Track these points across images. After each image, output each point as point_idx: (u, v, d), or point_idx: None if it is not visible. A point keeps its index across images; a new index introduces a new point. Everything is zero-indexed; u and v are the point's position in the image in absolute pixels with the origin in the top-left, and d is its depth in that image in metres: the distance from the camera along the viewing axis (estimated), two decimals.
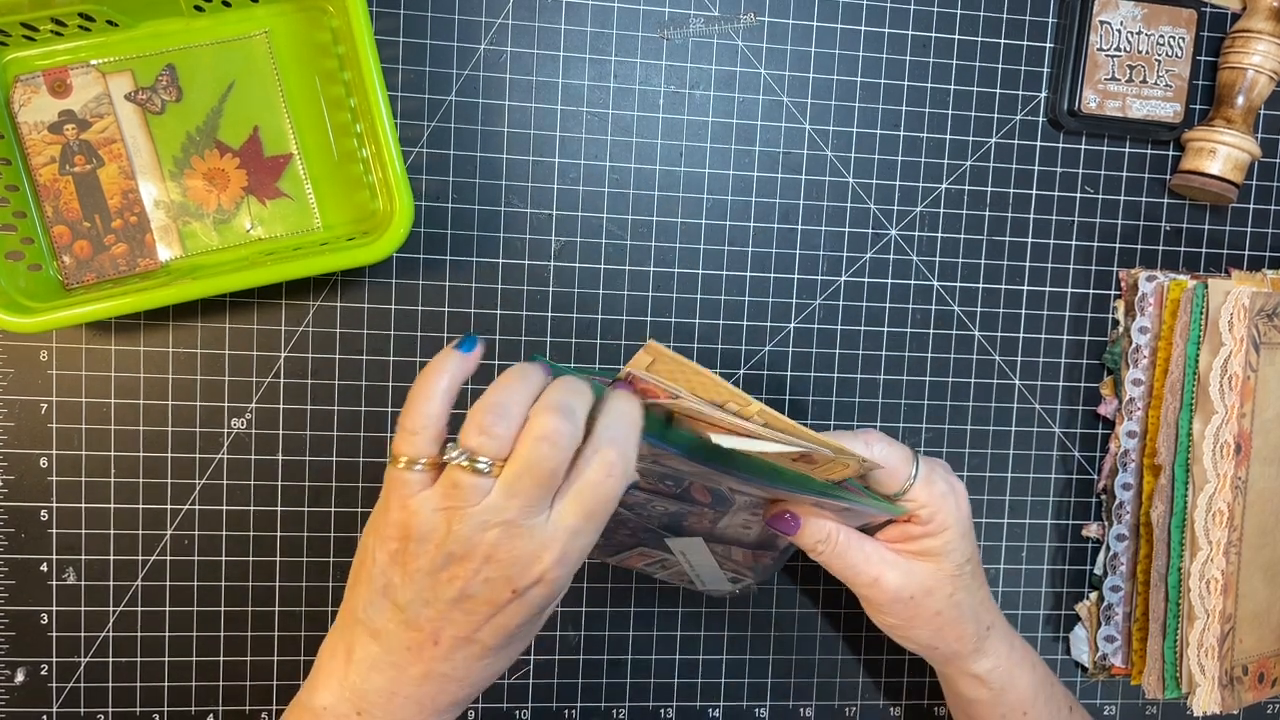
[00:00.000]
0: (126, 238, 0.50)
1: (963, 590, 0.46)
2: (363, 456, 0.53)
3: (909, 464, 0.45)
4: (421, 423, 0.36)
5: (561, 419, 0.36)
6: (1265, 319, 0.53)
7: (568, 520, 0.36)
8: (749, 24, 0.54)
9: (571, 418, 0.36)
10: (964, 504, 0.46)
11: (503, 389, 0.37)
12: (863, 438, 0.45)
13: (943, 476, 0.46)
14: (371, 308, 0.52)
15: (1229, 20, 0.57)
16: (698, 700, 0.56)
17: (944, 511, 0.45)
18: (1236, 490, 0.53)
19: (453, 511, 0.35)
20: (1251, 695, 0.56)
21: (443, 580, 0.36)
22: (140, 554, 0.52)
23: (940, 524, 0.45)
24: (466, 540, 0.35)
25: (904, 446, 0.45)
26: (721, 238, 0.54)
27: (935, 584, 0.46)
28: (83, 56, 0.49)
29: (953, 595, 0.46)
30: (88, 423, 0.51)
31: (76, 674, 0.52)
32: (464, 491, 0.35)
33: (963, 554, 0.46)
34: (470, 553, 0.36)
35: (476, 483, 0.35)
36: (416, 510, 0.36)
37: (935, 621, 0.46)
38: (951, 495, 0.45)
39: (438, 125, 0.52)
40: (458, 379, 0.37)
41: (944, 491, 0.45)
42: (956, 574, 0.46)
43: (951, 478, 0.46)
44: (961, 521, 0.46)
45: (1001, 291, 0.57)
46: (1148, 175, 0.57)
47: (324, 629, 0.53)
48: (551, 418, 0.36)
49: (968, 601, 0.46)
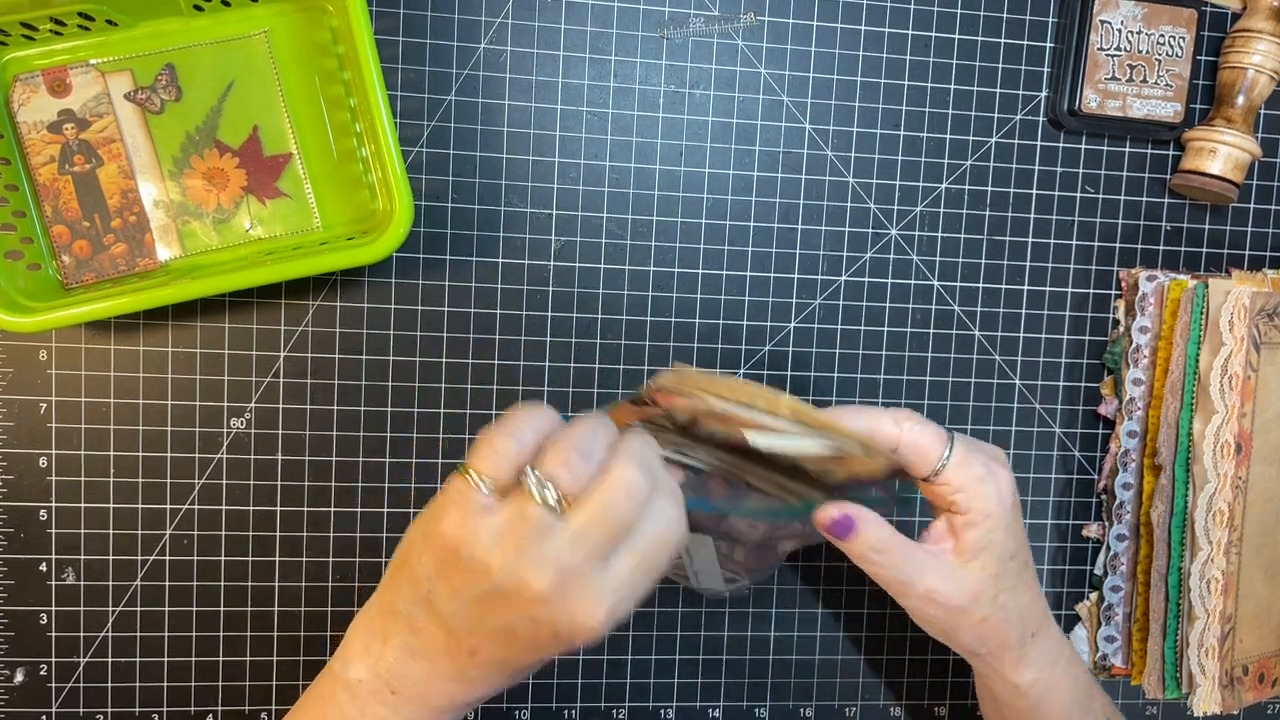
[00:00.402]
0: (126, 237, 0.50)
1: (1007, 591, 0.43)
2: (362, 456, 0.53)
3: (941, 443, 0.42)
4: (509, 445, 0.36)
5: (642, 474, 0.35)
6: (1265, 319, 0.53)
7: (625, 574, 0.35)
8: (749, 23, 0.54)
9: (650, 474, 0.36)
10: (1006, 492, 0.43)
11: (588, 429, 0.36)
12: (892, 415, 0.43)
13: (982, 460, 0.43)
14: (371, 307, 0.52)
15: (1229, 20, 0.57)
16: (698, 700, 0.56)
17: (982, 498, 0.42)
18: (1237, 490, 0.53)
19: (514, 543, 0.34)
20: (1252, 695, 0.56)
21: (489, 609, 0.35)
22: (139, 554, 0.52)
23: (981, 511, 0.42)
24: (519, 577, 0.34)
25: (938, 426, 0.43)
26: (721, 238, 0.54)
27: (980, 587, 0.43)
28: (82, 56, 0.49)
29: (997, 597, 0.43)
30: (87, 422, 0.51)
31: (76, 674, 0.52)
32: (530, 524, 0.34)
33: (1005, 549, 0.43)
34: (522, 590, 0.34)
35: (544, 519, 0.34)
36: (475, 530, 0.35)
37: (980, 628, 0.44)
38: (991, 480, 0.42)
39: (437, 125, 0.52)
40: (550, 427, 0.37)
41: (981, 475, 0.42)
42: (1000, 573, 0.43)
43: (994, 463, 0.43)
44: (1004, 510, 0.42)
45: (1001, 291, 0.57)
46: (1148, 175, 0.57)
47: (324, 629, 0.53)
48: (634, 470, 0.35)
49: (1013, 604, 0.44)
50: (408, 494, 0.53)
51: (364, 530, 0.53)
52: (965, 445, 0.43)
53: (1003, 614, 0.43)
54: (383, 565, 0.53)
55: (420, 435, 0.53)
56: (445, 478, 0.53)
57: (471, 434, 0.53)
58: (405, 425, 0.53)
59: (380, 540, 0.53)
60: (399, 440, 0.53)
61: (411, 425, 0.53)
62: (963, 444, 0.43)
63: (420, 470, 0.53)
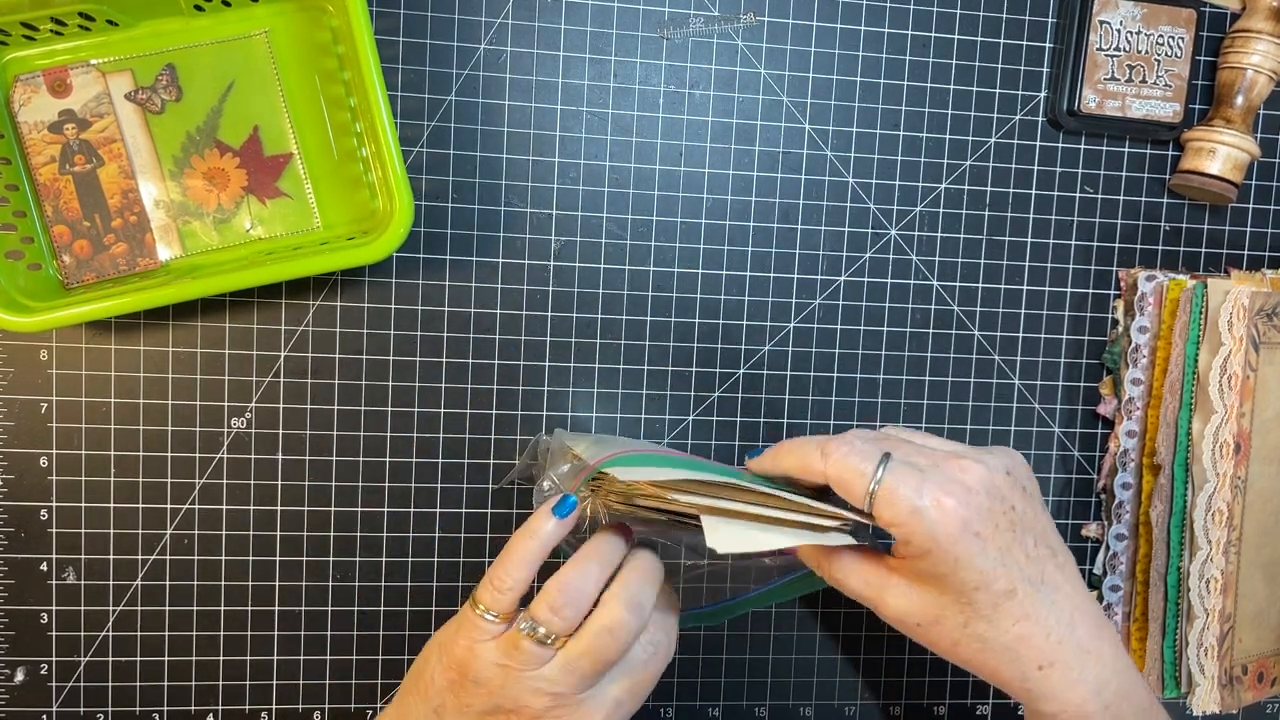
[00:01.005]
0: (126, 237, 0.50)
1: (982, 621, 0.39)
2: (362, 456, 0.53)
3: (866, 477, 0.38)
4: (508, 584, 0.40)
5: (631, 615, 0.39)
6: (1264, 318, 0.53)
7: (615, 694, 0.40)
8: (749, 24, 0.54)
9: (640, 614, 0.39)
10: (951, 524, 0.38)
11: (579, 569, 0.40)
12: (821, 446, 0.39)
13: (913, 492, 0.38)
14: (371, 307, 0.52)
15: (1228, 20, 0.57)
16: (697, 700, 0.56)
17: (917, 533, 0.38)
18: (1236, 490, 0.53)
19: (510, 671, 0.39)
20: (1251, 695, 0.56)
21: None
22: (140, 553, 0.52)
23: (919, 546, 0.38)
24: (516, 699, 0.39)
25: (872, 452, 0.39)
26: (721, 238, 0.54)
27: (941, 611, 0.40)
28: (83, 56, 0.49)
29: (968, 626, 0.39)
30: (87, 422, 0.51)
31: (76, 673, 0.52)
32: (524, 656, 0.39)
33: (966, 580, 0.38)
34: (519, 710, 0.40)
35: (537, 651, 0.39)
36: (479, 656, 0.40)
37: (959, 653, 0.40)
38: (927, 512, 0.37)
39: (438, 125, 0.52)
40: (549, 544, 0.41)
41: (912, 509, 0.37)
42: (967, 603, 0.39)
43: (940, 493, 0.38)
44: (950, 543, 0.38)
45: (1001, 291, 0.57)
46: (1147, 175, 0.57)
47: (323, 628, 0.53)
48: (622, 612, 0.39)
49: (994, 636, 0.39)
50: (408, 493, 0.53)
51: (364, 530, 0.53)
52: (896, 476, 0.38)
53: (981, 644, 0.40)
54: (382, 565, 0.53)
55: (420, 435, 0.53)
56: (445, 475, 0.53)
57: (472, 434, 0.53)
58: (405, 425, 0.53)
59: (380, 539, 0.53)
60: (399, 440, 0.53)
61: (412, 425, 0.53)
62: (893, 474, 0.38)
63: (420, 470, 0.53)
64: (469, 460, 0.53)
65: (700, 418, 0.55)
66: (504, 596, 0.40)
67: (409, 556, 0.54)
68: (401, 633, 0.54)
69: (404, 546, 0.53)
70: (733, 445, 0.55)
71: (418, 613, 0.54)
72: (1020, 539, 0.40)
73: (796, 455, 0.41)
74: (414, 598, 0.54)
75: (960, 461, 0.40)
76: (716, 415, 0.55)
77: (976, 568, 0.38)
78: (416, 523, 0.53)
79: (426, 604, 0.54)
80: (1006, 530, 0.39)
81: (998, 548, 0.39)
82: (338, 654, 0.54)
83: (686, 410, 0.55)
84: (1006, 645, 0.40)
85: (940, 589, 0.39)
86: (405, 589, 0.54)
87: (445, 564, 0.54)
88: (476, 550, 0.54)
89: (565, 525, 0.41)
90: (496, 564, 0.41)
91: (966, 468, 0.39)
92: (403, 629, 0.54)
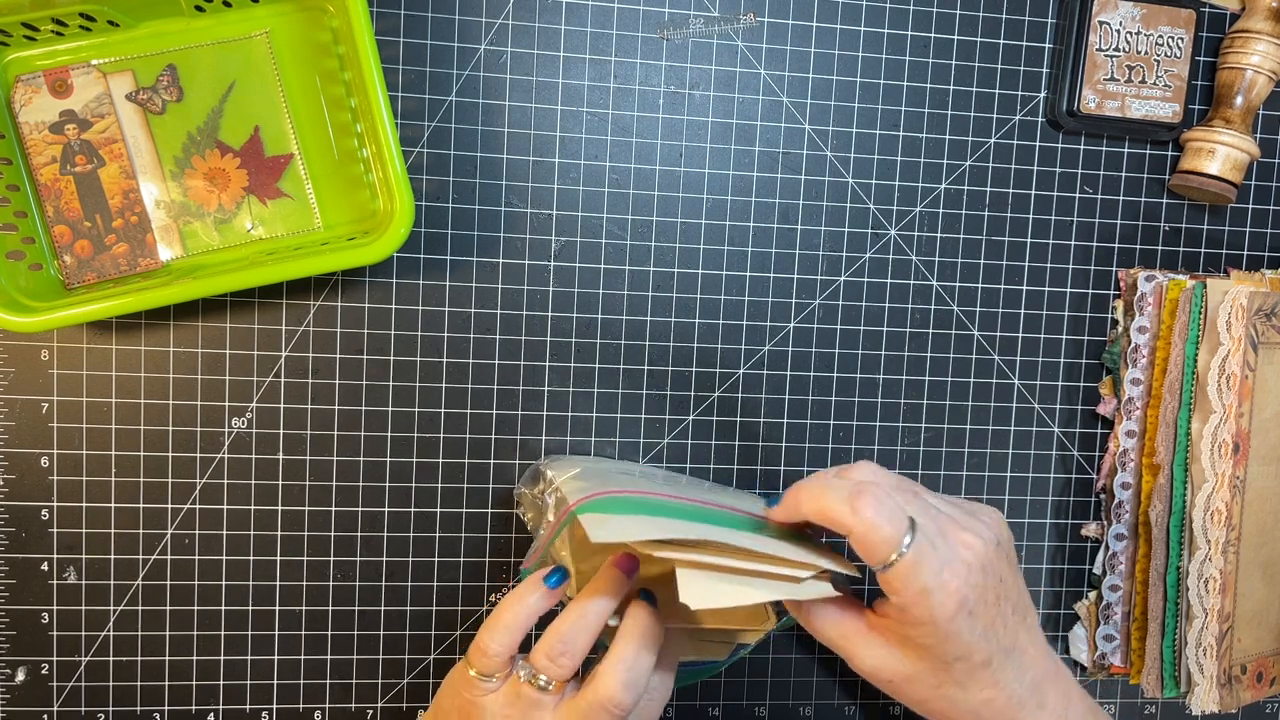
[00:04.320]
0: (127, 237, 0.50)
1: (955, 686, 0.41)
2: (363, 456, 0.53)
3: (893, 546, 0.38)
4: (496, 649, 0.42)
5: (626, 693, 0.41)
6: (1263, 318, 0.54)
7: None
8: (749, 24, 0.54)
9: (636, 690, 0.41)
10: (950, 604, 0.38)
11: (577, 618, 0.42)
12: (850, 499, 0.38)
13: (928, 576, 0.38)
14: (372, 307, 0.52)
15: (1228, 20, 0.57)
16: (697, 700, 0.57)
17: (920, 607, 0.38)
18: (1235, 489, 0.53)
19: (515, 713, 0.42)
20: (1250, 694, 0.56)
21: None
22: (141, 553, 0.52)
23: (915, 619, 0.39)
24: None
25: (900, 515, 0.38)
26: (721, 238, 0.54)
27: (916, 673, 0.41)
28: (84, 56, 0.49)
29: (939, 688, 0.41)
30: (88, 422, 0.51)
31: (77, 673, 0.52)
32: (525, 703, 0.42)
33: (948, 652, 0.39)
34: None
35: (537, 697, 0.42)
36: (485, 706, 0.43)
37: (926, 706, 0.42)
38: (933, 593, 0.38)
39: (438, 125, 0.52)
40: (536, 614, 0.43)
41: (924, 588, 0.38)
42: (943, 669, 0.40)
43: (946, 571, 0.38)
44: (945, 621, 0.38)
45: (1001, 291, 0.57)
46: (1147, 175, 0.58)
47: (324, 628, 0.53)
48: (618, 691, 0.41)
49: (963, 699, 0.41)
50: (408, 493, 0.53)
51: (365, 530, 0.53)
52: (919, 553, 0.38)
53: (948, 704, 0.42)
54: (383, 565, 0.54)
55: (421, 435, 0.53)
56: (446, 475, 0.53)
57: (472, 434, 0.53)
58: (406, 425, 0.53)
59: (381, 539, 0.53)
60: (400, 440, 0.53)
61: (412, 425, 0.53)
62: (918, 550, 0.38)
63: (421, 470, 0.53)
64: (469, 460, 0.54)
65: (700, 417, 0.55)
66: (492, 661, 0.42)
67: (409, 556, 0.54)
68: (402, 633, 0.54)
69: (404, 546, 0.54)
70: (732, 445, 0.55)
71: (418, 613, 0.54)
72: (1002, 611, 0.41)
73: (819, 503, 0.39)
74: (414, 598, 0.54)
75: (963, 536, 0.40)
76: (716, 415, 0.55)
77: (964, 641, 0.39)
78: (417, 522, 0.54)
79: (427, 604, 0.54)
80: (994, 604, 0.40)
81: (984, 623, 0.40)
82: (338, 654, 0.54)
83: (686, 410, 0.55)
84: (972, 709, 0.42)
85: (919, 655, 0.40)
86: (406, 589, 0.54)
87: (446, 564, 0.54)
88: (477, 550, 0.54)
89: (553, 596, 0.44)
90: (485, 629, 0.43)
91: (969, 543, 0.40)
92: (403, 629, 0.54)
